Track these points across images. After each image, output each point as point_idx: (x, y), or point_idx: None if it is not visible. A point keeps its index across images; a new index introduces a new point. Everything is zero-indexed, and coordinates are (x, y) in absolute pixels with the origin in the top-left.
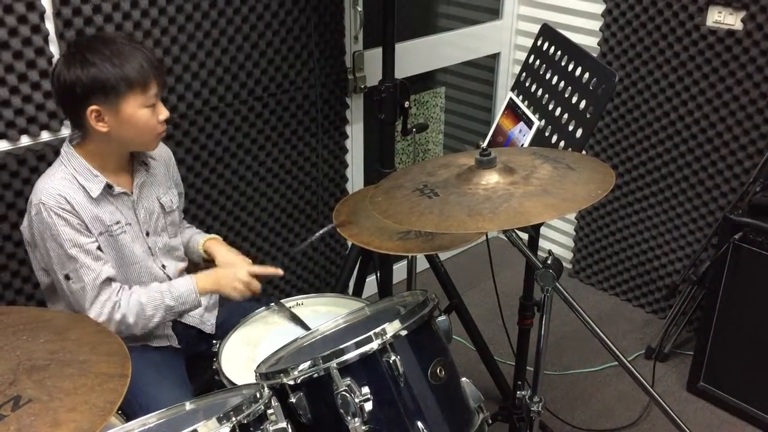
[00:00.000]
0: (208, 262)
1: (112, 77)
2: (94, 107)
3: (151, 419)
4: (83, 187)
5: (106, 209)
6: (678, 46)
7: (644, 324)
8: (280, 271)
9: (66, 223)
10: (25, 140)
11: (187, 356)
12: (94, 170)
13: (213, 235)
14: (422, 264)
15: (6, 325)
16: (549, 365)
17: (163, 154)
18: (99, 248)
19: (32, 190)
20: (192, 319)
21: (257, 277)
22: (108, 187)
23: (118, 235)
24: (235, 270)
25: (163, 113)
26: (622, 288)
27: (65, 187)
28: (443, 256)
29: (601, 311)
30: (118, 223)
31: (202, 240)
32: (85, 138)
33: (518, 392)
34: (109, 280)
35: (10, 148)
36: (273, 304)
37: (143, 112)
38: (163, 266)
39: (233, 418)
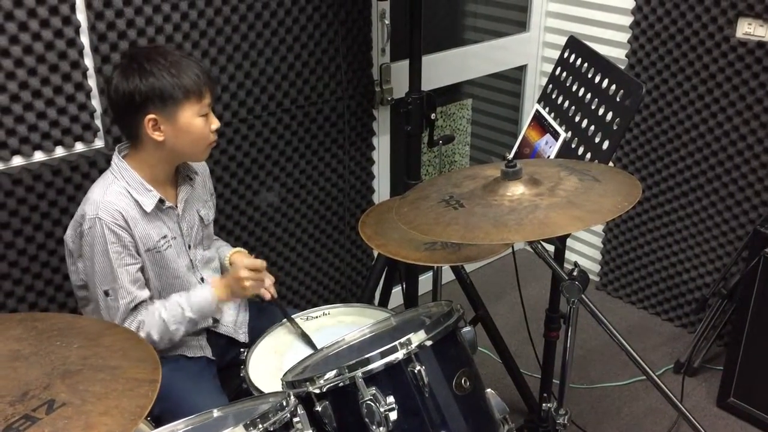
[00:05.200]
0: None
1: (170, 86)
2: (151, 116)
3: (179, 426)
4: (136, 201)
5: (155, 224)
6: (707, 58)
7: (673, 338)
8: (263, 262)
9: (118, 240)
10: (59, 151)
11: (219, 365)
12: (146, 184)
13: (239, 249)
14: (448, 275)
15: (40, 331)
16: (576, 379)
17: (200, 168)
18: (141, 269)
19: (84, 200)
20: (226, 328)
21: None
22: (160, 202)
23: (165, 250)
24: (234, 271)
25: (215, 123)
26: (650, 301)
27: (121, 202)
28: (469, 268)
29: (630, 325)
30: (164, 237)
31: (228, 253)
32: (137, 148)
33: (544, 404)
34: (140, 303)
35: (46, 158)
36: (285, 320)
37: (198, 121)
38: (202, 279)
39: (260, 425)
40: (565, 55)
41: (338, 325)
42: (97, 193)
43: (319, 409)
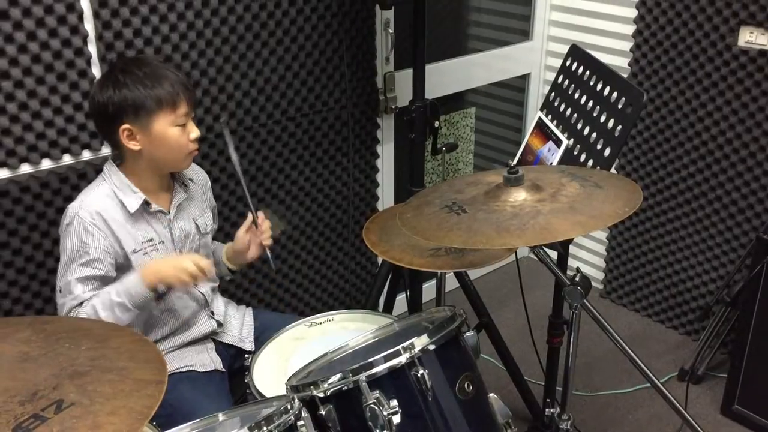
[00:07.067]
0: (234, 273)
1: (142, 96)
2: (125, 126)
3: (184, 429)
4: (121, 202)
5: (140, 227)
6: (709, 67)
7: (677, 345)
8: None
9: (92, 241)
10: (67, 159)
11: (229, 374)
12: (134, 187)
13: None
14: (452, 283)
15: (49, 334)
16: (580, 386)
17: (200, 178)
18: (102, 278)
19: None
20: (231, 338)
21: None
22: (146, 204)
23: (151, 253)
24: (178, 259)
25: (194, 132)
26: (654, 309)
27: (104, 204)
28: (473, 275)
29: (634, 332)
30: (150, 240)
31: (224, 248)
32: (121, 158)
33: (547, 410)
34: (84, 301)
35: (53, 166)
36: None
37: (173, 131)
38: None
39: (264, 428)
40: (567, 63)
41: (342, 331)
42: (84, 194)
43: (323, 412)
